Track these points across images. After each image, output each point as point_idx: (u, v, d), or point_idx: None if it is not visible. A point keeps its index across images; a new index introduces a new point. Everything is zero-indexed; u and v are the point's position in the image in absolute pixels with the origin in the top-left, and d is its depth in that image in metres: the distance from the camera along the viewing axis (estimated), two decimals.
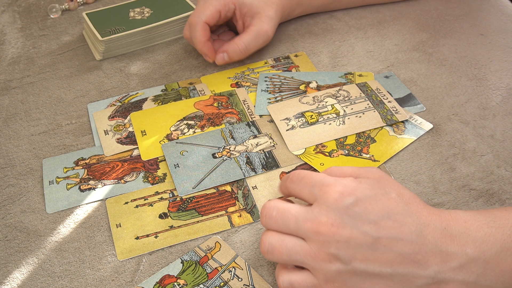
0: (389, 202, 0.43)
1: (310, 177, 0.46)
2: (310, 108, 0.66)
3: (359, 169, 0.47)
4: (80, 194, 0.59)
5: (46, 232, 0.56)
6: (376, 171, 0.46)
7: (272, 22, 0.72)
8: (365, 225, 0.42)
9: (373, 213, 0.42)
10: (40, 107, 0.70)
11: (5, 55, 0.79)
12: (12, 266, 0.53)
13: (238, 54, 0.71)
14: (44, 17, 0.87)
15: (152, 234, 0.54)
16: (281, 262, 0.45)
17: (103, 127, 0.66)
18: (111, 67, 0.76)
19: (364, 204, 0.42)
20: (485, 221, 0.43)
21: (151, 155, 0.62)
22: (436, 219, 0.43)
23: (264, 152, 0.61)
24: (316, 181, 0.45)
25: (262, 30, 0.71)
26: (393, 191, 0.44)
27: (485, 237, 0.43)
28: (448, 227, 0.43)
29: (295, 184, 0.47)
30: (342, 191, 0.43)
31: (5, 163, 0.63)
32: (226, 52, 0.71)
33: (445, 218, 0.43)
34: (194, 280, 0.50)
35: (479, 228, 0.43)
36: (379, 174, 0.46)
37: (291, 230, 0.44)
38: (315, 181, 0.45)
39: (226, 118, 0.66)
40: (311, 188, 0.45)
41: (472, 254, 0.42)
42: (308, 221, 0.43)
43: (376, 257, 0.42)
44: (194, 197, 0.57)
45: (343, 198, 0.43)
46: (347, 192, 0.43)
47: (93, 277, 0.51)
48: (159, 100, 0.69)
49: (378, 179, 0.45)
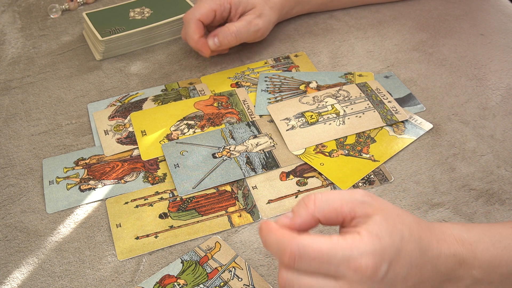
0: (408, 248, 0.41)
1: (325, 256, 0.39)
2: (310, 108, 0.66)
3: (350, 202, 0.41)
4: (80, 194, 0.59)
5: (46, 232, 0.56)
6: (369, 199, 0.42)
7: (266, 18, 0.72)
8: (397, 285, 0.40)
9: (402, 271, 0.40)
10: (40, 107, 0.70)
11: (5, 55, 0.79)
12: (12, 266, 0.53)
13: (229, 38, 0.70)
14: (44, 17, 0.87)
15: (152, 234, 0.54)
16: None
17: (103, 127, 0.66)
18: (111, 67, 0.76)
19: (394, 267, 0.40)
20: (490, 242, 0.43)
21: (151, 155, 0.62)
22: (445, 247, 0.43)
23: (264, 152, 0.61)
24: (337, 259, 0.39)
25: (254, 22, 0.71)
26: (404, 228, 0.41)
27: (491, 259, 0.43)
28: (456, 253, 0.43)
29: (306, 263, 0.39)
30: (374, 264, 0.39)
31: (5, 163, 0.63)
32: (216, 36, 0.71)
33: (451, 243, 0.43)
34: (194, 280, 0.50)
35: (485, 250, 0.43)
36: (376, 204, 0.42)
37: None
38: (334, 259, 0.39)
39: (226, 118, 0.66)
40: (334, 268, 0.39)
41: (478, 276, 0.42)
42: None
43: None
44: (194, 197, 0.57)
45: (377, 270, 0.39)
46: (378, 261, 0.39)
47: (93, 277, 0.51)
48: (159, 100, 0.69)
49: (384, 218, 0.41)
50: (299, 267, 0.39)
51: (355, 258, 0.38)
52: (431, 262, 0.42)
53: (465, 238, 0.44)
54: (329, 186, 0.58)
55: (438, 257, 0.42)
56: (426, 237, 0.42)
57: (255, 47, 0.77)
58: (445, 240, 0.43)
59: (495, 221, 0.54)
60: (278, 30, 0.80)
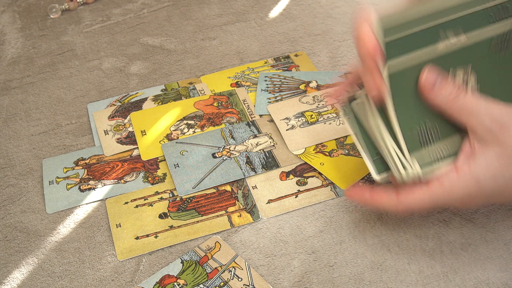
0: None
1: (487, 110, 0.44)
2: (310, 107, 0.66)
3: (477, 117, 0.44)
4: (80, 194, 0.59)
5: (46, 232, 0.56)
6: (497, 129, 0.44)
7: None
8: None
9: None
10: (40, 107, 0.70)
11: (5, 55, 0.79)
12: (12, 266, 0.53)
13: None
14: (44, 17, 0.87)
15: (152, 234, 0.54)
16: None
17: (103, 127, 0.66)
18: (111, 67, 0.76)
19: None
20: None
21: (151, 155, 0.62)
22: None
23: (264, 152, 0.61)
24: (493, 116, 0.43)
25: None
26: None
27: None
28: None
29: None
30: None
31: (5, 163, 0.63)
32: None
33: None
34: (194, 280, 0.50)
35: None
36: (501, 137, 0.44)
37: None
38: (492, 114, 0.43)
39: (226, 118, 0.66)
40: (488, 121, 0.43)
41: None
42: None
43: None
44: (194, 197, 0.57)
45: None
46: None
47: (93, 277, 0.51)
48: (159, 100, 0.69)
49: (497, 156, 0.44)
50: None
51: (507, 124, 0.43)
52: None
53: None
54: (329, 186, 0.58)
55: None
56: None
57: (255, 47, 0.77)
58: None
59: (495, 221, 0.54)
60: (278, 30, 0.80)
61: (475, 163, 0.44)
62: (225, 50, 0.77)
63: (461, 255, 0.51)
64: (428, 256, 0.51)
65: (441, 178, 0.45)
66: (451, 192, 0.45)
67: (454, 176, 0.44)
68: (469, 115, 0.44)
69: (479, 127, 0.43)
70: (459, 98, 0.44)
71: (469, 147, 0.45)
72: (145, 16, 0.84)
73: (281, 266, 0.51)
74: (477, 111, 0.43)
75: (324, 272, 0.51)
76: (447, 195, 0.45)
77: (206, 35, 0.80)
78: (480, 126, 0.43)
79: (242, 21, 0.82)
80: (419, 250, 0.52)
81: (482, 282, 0.49)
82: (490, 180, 0.43)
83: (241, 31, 0.80)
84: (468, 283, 0.49)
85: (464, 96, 0.44)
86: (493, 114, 0.43)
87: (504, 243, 0.52)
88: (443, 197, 0.45)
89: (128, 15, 0.85)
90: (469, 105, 0.44)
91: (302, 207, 0.56)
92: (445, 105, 0.45)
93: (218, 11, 0.84)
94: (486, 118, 0.43)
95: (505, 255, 0.51)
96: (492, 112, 0.43)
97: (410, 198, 0.46)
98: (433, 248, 0.52)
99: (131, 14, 0.85)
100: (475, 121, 0.43)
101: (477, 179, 0.43)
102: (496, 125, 0.43)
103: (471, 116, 0.44)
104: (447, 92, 0.44)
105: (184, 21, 0.83)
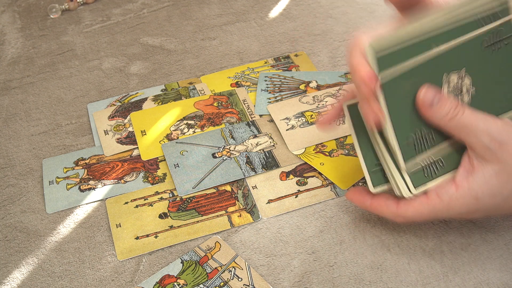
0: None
1: (484, 126, 0.44)
2: (310, 107, 0.66)
3: (475, 135, 0.44)
4: (80, 194, 0.59)
5: (46, 232, 0.56)
6: (495, 147, 0.44)
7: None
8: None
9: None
10: (40, 107, 0.70)
11: (5, 55, 0.79)
12: (12, 266, 0.53)
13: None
14: (44, 17, 0.87)
15: (152, 234, 0.54)
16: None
17: (103, 127, 0.66)
18: (111, 67, 0.76)
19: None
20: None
21: (151, 155, 0.62)
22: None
23: (264, 152, 0.61)
24: (492, 134, 0.43)
25: None
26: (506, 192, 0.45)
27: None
28: None
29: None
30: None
31: (5, 163, 0.63)
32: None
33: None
34: (194, 280, 0.50)
35: None
36: (499, 155, 0.44)
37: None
38: (490, 132, 0.43)
39: (226, 118, 0.66)
40: (487, 140, 0.43)
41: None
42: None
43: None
44: (194, 197, 0.57)
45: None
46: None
47: (93, 277, 0.51)
48: (159, 100, 0.69)
49: (496, 172, 0.44)
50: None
51: (506, 142, 0.43)
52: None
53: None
54: (329, 185, 0.58)
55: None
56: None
57: (255, 47, 0.77)
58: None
59: (495, 221, 0.54)
60: (278, 30, 0.80)
61: (474, 180, 0.44)
62: (225, 50, 0.77)
63: (461, 255, 0.51)
64: (428, 256, 0.51)
65: (440, 192, 0.45)
66: (449, 207, 0.45)
67: (453, 192, 0.45)
68: (467, 133, 0.44)
69: (478, 145, 0.44)
70: (456, 117, 0.44)
71: (468, 163, 0.45)
72: (145, 16, 0.84)
73: (281, 266, 0.51)
74: (475, 129, 0.44)
75: (324, 272, 0.51)
76: (446, 210, 0.45)
77: (206, 35, 0.80)
78: (479, 144, 0.44)
79: (242, 21, 0.82)
80: (419, 250, 0.52)
81: (482, 282, 0.49)
82: (488, 197, 0.44)
83: (241, 31, 0.80)
84: (468, 283, 0.49)
85: (461, 115, 0.44)
86: (491, 132, 0.43)
87: (504, 243, 0.52)
88: (441, 211, 0.46)
89: (128, 15, 0.85)
90: (467, 124, 0.44)
91: (302, 207, 0.56)
92: (444, 124, 0.45)
93: (218, 11, 0.84)
94: (484, 137, 0.43)
95: (505, 255, 0.51)
96: (491, 131, 0.43)
97: (410, 211, 0.47)
98: (433, 248, 0.52)
99: (131, 14, 0.85)
100: (474, 139, 0.44)
101: (475, 196, 0.44)
102: (495, 143, 0.43)
103: (469, 135, 0.44)
104: (445, 111, 0.44)
105: (184, 21, 0.83)
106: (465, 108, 0.44)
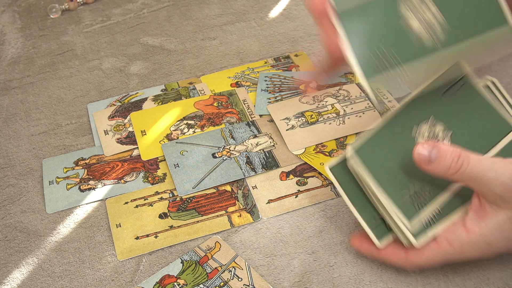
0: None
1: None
2: (310, 107, 0.66)
3: (485, 185, 0.43)
4: (80, 194, 0.59)
5: (46, 232, 0.56)
6: (508, 195, 0.43)
7: None
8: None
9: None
10: (40, 107, 0.70)
11: (5, 55, 0.79)
12: (12, 266, 0.53)
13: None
14: (44, 17, 0.87)
15: (152, 234, 0.54)
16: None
17: (103, 127, 0.66)
18: (111, 67, 0.76)
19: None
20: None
21: (151, 155, 0.62)
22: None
23: (264, 152, 0.61)
24: (504, 183, 0.41)
25: None
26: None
27: None
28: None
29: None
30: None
31: (5, 163, 0.63)
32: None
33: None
34: (194, 280, 0.50)
35: None
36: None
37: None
38: (503, 181, 0.41)
39: (226, 118, 0.66)
40: (500, 190, 0.42)
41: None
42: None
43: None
44: (194, 197, 0.57)
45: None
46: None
47: (93, 277, 0.51)
48: (159, 100, 0.69)
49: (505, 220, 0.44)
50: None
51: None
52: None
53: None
54: (329, 185, 0.58)
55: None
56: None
57: (255, 47, 0.77)
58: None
59: None
60: (278, 30, 0.80)
61: (486, 226, 0.43)
62: (225, 50, 0.77)
63: None
64: None
65: (451, 238, 0.44)
66: (461, 252, 0.44)
67: (464, 237, 0.44)
68: (477, 183, 0.42)
69: (489, 193, 0.42)
70: (461, 170, 0.42)
71: (479, 207, 0.44)
72: (145, 16, 0.84)
73: (281, 266, 0.51)
74: (486, 180, 0.42)
75: (324, 272, 0.51)
76: (458, 255, 0.45)
77: (206, 35, 0.80)
78: (491, 193, 0.42)
79: (242, 21, 0.82)
80: None
81: (482, 282, 0.49)
82: (502, 242, 0.43)
83: (241, 31, 0.80)
84: (468, 283, 0.49)
85: (466, 167, 0.42)
86: (504, 181, 0.41)
87: None
88: (453, 257, 0.45)
89: (128, 15, 0.85)
90: (475, 176, 0.42)
91: (302, 207, 0.56)
92: (448, 176, 0.43)
93: (218, 11, 0.84)
94: (497, 187, 0.41)
95: (505, 255, 0.50)
96: (503, 180, 0.41)
97: (421, 258, 0.46)
98: None
99: (131, 14, 0.85)
100: (485, 188, 0.42)
101: (488, 242, 0.43)
102: (508, 192, 0.41)
103: (479, 185, 0.42)
104: (446, 165, 0.42)
105: (184, 21, 0.83)
106: (470, 157, 0.42)
